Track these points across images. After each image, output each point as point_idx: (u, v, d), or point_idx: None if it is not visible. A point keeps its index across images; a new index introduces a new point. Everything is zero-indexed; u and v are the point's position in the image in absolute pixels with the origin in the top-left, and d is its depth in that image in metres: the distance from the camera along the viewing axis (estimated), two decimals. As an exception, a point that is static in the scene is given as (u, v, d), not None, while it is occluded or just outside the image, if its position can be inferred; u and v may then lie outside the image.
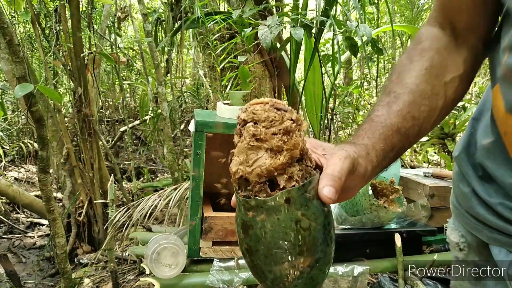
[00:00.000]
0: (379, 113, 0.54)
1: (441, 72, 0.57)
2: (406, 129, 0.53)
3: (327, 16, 1.81)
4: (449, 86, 0.57)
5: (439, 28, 0.60)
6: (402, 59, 0.60)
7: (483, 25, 0.58)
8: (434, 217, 1.54)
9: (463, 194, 0.62)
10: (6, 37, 1.31)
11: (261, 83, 2.35)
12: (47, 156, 1.52)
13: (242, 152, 0.42)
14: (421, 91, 0.55)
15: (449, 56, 0.58)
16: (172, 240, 1.16)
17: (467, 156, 0.61)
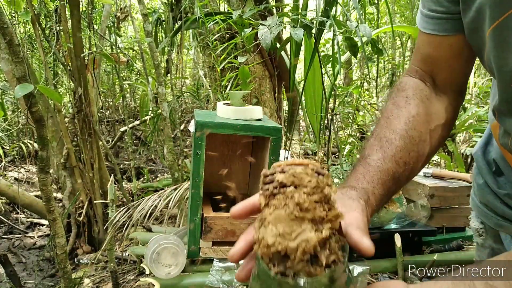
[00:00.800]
0: (375, 158, 0.55)
1: (426, 120, 0.60)
2: (399, 174, 0.55)
3: (327, 17, 1.81)
4: (433, 134, 0.60)
5: (419, 79, 0.64)
6: (388, 105, 0.62)
7: (460, 77, 0.63)
8: (434, 217, 1.55)
9: (478, 185, 0.71)
10: (6, 37, 1.31)
11: (261, 83, 2.35)
12: (47, 156, 1.52)
13: (282, 222, 0.36)
14: (411, 138, 0.57)
15: (432, 105, 0.62)
16: (172, 240, 1.17)
17: (483, 154, 0.70)
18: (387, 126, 0.58)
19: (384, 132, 0.58)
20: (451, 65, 0.61)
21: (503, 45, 0.48)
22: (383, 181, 0.53)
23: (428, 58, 0.63)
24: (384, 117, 0.60)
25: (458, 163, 2.73)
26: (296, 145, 3.50)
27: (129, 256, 2.17)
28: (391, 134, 0.57)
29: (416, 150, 0.57)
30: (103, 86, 4.96)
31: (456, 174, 1.67)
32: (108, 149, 2.97)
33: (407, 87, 0.63)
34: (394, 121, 0.59)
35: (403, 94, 0.62)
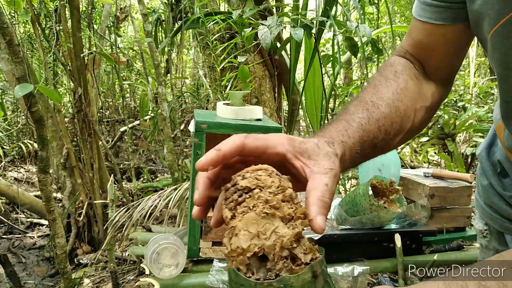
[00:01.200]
0: (361, 116, 0.53)
1: (413, 97, 0.58)
2: (378, 140, 0.53)
3: (327, 16, 1.81)
4: (418, 113, 0.59)
5: (409, 61, 0.63)
6: (376, 76, 0.61)
7: (449, 67, 0.62)
8: (434, 218, 1.54)
9: (482, 186, 0.70)
10: (6, 37, 1.31)
11: (261, 83, 2.35)
12: (47, 156, 1.52)
13: (253, 223, 0.36)
14: (396, 108, 0.55)
15: (420, 85, 0.61)
16: (172, 241, 1.16)
17: (487, 155, 0.69)
18: (374, 93, 0.56)
19: (370, 97, 0.55)
20: (442, 54, 0.60)
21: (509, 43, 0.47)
22: (363, 141, 0.50)
23: (419, 44, 0.61)
24: (371, 85, 0.59)
25: (458, 163, 2.73)
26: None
27: (129, 256, 2.17)
28: (377, 100, 0.55)
29: (399, 122, 0.56)
30: (103, 86, 4.96)
31: (456, 174, 1.67)
32: (108, 149, 2.97)
33: (396, 63, 0.62)
34: (381, 89, 0.57)
35: (392, 68, 0.61)
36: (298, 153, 0.43)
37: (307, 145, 0.44)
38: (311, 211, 0.39)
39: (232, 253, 0.36)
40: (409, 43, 0.63)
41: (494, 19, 0.47)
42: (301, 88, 2.43)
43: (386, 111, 0.54)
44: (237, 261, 0.36)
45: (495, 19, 0.47)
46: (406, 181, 1.66)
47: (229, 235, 0.37)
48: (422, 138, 3.13)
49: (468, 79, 4.40)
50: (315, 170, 0.42)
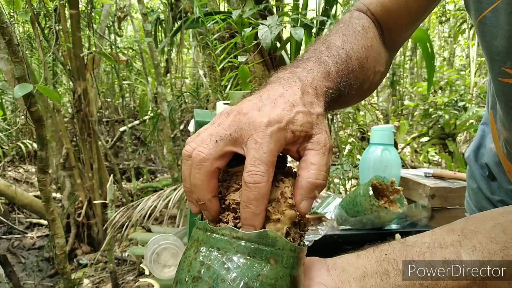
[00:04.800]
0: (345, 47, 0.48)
1: (376, 59, 0.55)
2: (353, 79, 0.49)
3: (327, 16, 1.81)
4: (374, 76, 0.55)
5: (372, 22, 0.57)
6: (342, 25, 0.54)
7: (401, 39, 0.60)
8: (434, 218, 1.54)
9: (472, 189, 0.69)
10: (5, 37, 1.30)
11: (261, 83, 2.34)
12: (47, 157, 1.51)
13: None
14: (362, 64, 0.51)
15: (380, 48, 0.57)
16: (172, 241, 1.16)
17: (475, 157, 0.67)
18: (344, 41, 0.50)
19: (342, 44, 0.49)
20: (400, 23, 0.57)
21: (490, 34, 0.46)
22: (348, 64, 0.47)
23: (386, 10, 0.57)
24: (339, 32, 0.51)
25: (459, 163, 2.73)
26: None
27: (128, 257, 2.17)
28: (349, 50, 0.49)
29: (361, 80, 0.51)
30: (102, 86, 4.95)
31: (457, 174, 1.67)
32: (107, 149, 2.96)
33: (362, 18, 0.56)
34: (351, 39, 0.50)
35: (359, 22, 0.55)
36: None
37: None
38: (297, 195, 0.38)
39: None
40: (376, 3, 0.57)
41: (482, 7, 0.46)
42: (301, 88, 2.42)
43: (355, 64, 0.49)
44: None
45: (482, 8, 0.46)
46: (407, 181, 1.66)
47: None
48: (423, 138, 3.13)
49: (468, 79, 4.40)
50: (309, 146, 0.39)
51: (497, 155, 0.61)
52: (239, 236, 0.35)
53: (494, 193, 0.63)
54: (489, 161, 0.64)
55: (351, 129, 3.65)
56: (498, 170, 0.62)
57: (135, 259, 2.07)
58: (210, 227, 0.37)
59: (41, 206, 2.65)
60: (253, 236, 0.35)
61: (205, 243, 0.36)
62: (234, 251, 0.35)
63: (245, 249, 0.35)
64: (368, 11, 0.58)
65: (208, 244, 0.36)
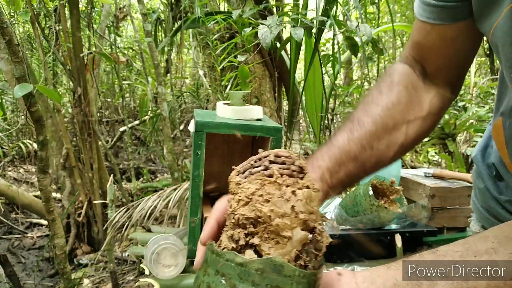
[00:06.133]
0: (339, 138, 0.55)
1: (406, 110, 0.58)
2: (363, 158, 0.54)
3: (327, 16, 1.81)
4: (411, 125, 0.58)
5: (409, 66, 0.62)
6: (373, 90, 0.62)
7: (452, 68, 0.61)
8: (434, 218, 1.54)
9: (479, 189, 0.68)
10: (5, 37, 1.30)
11: (261, 83, 2.34)
12: (47, 157, 1.51)
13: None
14: (384, 124, 0.56)
15: (416, 94, 0.60)
16: (172, 241, 1.16)
17: (482, 157, 0.67)
18: (364, 110, 0.58)
19: (359, 115, 0.57)
20: (441, 55, 0.59)
21: None
22: (341, 161, 0.52)
23: (419, 45, 0.61)
24: (364, 101, 0.60)
25: (459, 163, 2.73)
26: (296, 145, 3.50)
27: (128, 257, 2.17)
28: (365, 117, 0.56)
29: (388, 137, 0.56)
30: (102, 86, 4.95)
31: (456, 174, 1.67)
32: (107, 149, 2.96)
33: (394, 73, 0.62)
34: (372, 106, 0.58)
35: (388, 79, 0.61)
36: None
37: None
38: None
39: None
40: (410, 45, 0.63)
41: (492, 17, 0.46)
42: (301, 88, 2.42)
43: (372, 128, 0.55)
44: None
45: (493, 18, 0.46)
46: (407, 181, 1.66)
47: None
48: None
49: (468, 79, 4.40)
50: None
51: (502, 160, 0.61)
52: (242, 263, 0.34)
53: (502, 193, 0.63)
54: (496, 161, 0.64)
55: (351, 129, 3.65)
56: (505, 170, 0.62)
57: (135, 259, 2.07)
58: (216, 250, 0.36)
59: (41, 206, 2.65)
60: (258, 263, 0.33)
61: (212, 266, 0.36)
62: (238, 279, 0.33)
63: (249, 277, 0.33)
64: (408, 57, 0.63)
65: (215, 268, 0.35)
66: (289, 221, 0.35)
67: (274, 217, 0.35)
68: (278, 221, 0.35)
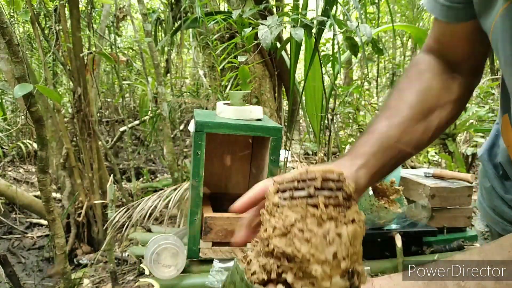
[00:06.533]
0: (379, 126, 0.56)
1: (437, 94, 0.60)
2: (404, 142, 0.56)
3: (327, 16, 1.81)
4: (443, 108, 0.61)
5: (433, 56, 0.64)
6: (402, 78, 0.64)
7: (474, 58, 0.63)
8: (434, 218, 1.54)
9: (485, 189, 0.69)
10: (5, 37, 1.30)
11: (261, 83, 2.34)
12: (47, 157, 1.51)
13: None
14: (420, 109, 0.58)
15: (445, 80, 0.62)
16: (172, 241, 1.16)
17: (489, 156, 0.68)
18: (397, 97, 0.60)
19: (393, 102, 0.60)
20: (463, 49, 0.61)
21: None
22: (385, 146, 0.54)
23: (441, 41, 0.63)
24: (396, 89, 0.62)
25: (459, 163, 2.73)
26: (296, 145, 3.50)
27: (128, 257, 2.17)
28: (400, 103, 0.58)
29: (424, 122, 0.58)
30: (102, 86, 4.95)
31: (457, 174, 1.67)
32: (107, 149, 2.96)
33: (420, 61, 0.64)
34: (405, 92, 0.60)
35: (416, 68, 0.64)
36: None
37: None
38: None
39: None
40: (432, 39, 0.65)
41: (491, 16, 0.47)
42: (301, 88, 2.42)
43: (409, 113, 0.57)
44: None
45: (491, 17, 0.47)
46: (407, 181, 1.66)
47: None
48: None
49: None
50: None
51: (510, 160, 0.61)
52: None
53: (508, 192, 0.63)
54: (503, 160, 0.64)
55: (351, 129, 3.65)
56: (511, 169, 0.62)
57: (135, 259, 2.07)
58: (246, 281, 0.34)
59: (41, 206, 2.65)
60: None
61: None
62: None
63: None
64: (431, 49, 0.65)
65: None
66: (328, 269, 0.32)
67: (313, 261, 0.32)
68: (316, 267, 0.32)
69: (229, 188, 1.44)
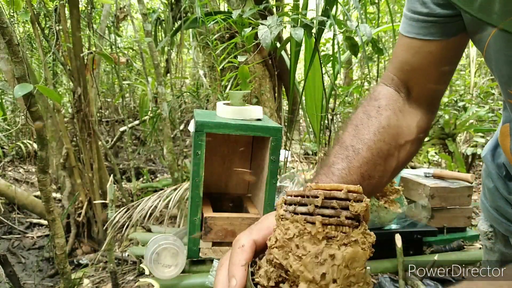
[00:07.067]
0: (340, 167, 0.53)
1: (396, 133, 0.57)
2: (363, 187, 0.53)
3: (327, 16, 1.81)
4: (402, 149, 0.58)
5: (394, 89, 0.61)
6: (359, 112, 0.59)
7: (435, 90, 0.61)
8: (434, 218, 1.54)
9: (488, 189, 0.69)
10: (5, 37, 1.30)
11: (261, 83, 2.34)
12: (47, 157, 1.51)
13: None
14: (379, 150, 0.55)
15: (404, 118, 0.59)
16: (172, 241, 1.16)
17: (492, 157, 0.67)
18: (355, 135, 0.56)
19: (351, 141, 0.55)
20: (427, 76, 0.58)
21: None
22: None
23: (406, 65, 0.59)
24: (353, 124, 0.58)
25: (459, 163, 2.73)
26: (296, 145, 3.50)
27: (128, 257, 2.16)
28: (358, 143, 0.55)
29: (383, 164, 0.55)
30: (102, 86, 4.95)
31: (456, 174, 1.67)
32: (107, 149, 2.96)
33: (380, 97, 0.60)
34: (363, 130, 0.56)
35: (375, 103, 0.59)
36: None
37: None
38: None
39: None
40: (395, 65, 0.61)
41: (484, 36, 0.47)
42: (301, 88, 2.42)
43: (368, 155, 0.54)
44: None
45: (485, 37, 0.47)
46: (407, 181, 1.66)
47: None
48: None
49: (468, 79, 4.40)
50: None
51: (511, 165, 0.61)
52: None
53: (511, 193, 0.64)
54: (506, 161, 0.63)
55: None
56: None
57: (135, 259, 2.07)
58: (251, 283, 0.35)
59: (41, 206, 2.65)
60: None
61: None
62: None
63: None
64: (393, 79, 0.61)
65: None
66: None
67: (301, 278, 0.32)
68: (303, 285, 0.32)
69: (229, 188, 1.44)
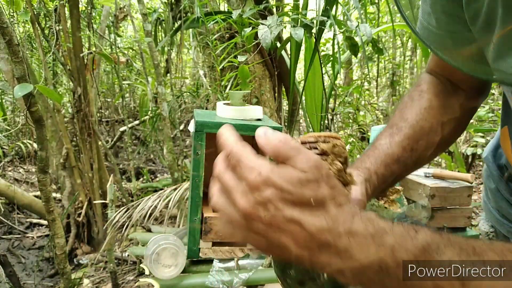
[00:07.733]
0: (382, 142, 0.61)
1: (438, 113, 0.63)
2: (404, 158, 0.60)
3: (327, 16, 1.81)
4: (446, 126, 0.64)
5: (435, 77, 0.67)
6: (405, 98, 0.68)
7: (476, 81, 0.64)
8: (434, 218, 1.54)
9: (490, 190, 0.70)
10: (5, 37, 1.30)
11: (261, 83, 2.34)
12: (47, 157, 1.51)
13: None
14: (420, 127, 0.62)
15: (446, 100, 0.64)
16: (172, 241, 1.16)
17: (494, 158, 0.69)
18: (400, 116, 0.64)
19: (396, 121, 0.63)
20: (461, 73, 0.62)
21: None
22: (386, 163, 0.58)
23: (440, 65, 0.66)
24: (399, 108, 0.66)
25: (459, 163, 2.73)
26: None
27: (128, 257, 2.17)
28: (401, 122, 0.62)
29: (426, 139, 0.61)
30: (102, 86, 4.95)
31: (457, 174, 1.67)
32: (107, 149, 2.96)
33: (422, 82, 0.67)
34: (406, 112, 0.64)
35: (418, 88, 0.66)
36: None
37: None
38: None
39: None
40: (433, 62, 0.68)
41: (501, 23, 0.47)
42: (301, 88, 2.42)
43: (410, 131, 0.61)
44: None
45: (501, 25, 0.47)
46: (407, 181, 1.65)
47: None
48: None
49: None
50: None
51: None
52: None
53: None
54: (507, 162, 0.65)
55: (351, 129, 3.65)
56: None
57: (135, 259, 2.07)
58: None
59: (41, 206, 2.65)
60: None
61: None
62: None
63: None
64: (432, 70, 0.68)
65: None
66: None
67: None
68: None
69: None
